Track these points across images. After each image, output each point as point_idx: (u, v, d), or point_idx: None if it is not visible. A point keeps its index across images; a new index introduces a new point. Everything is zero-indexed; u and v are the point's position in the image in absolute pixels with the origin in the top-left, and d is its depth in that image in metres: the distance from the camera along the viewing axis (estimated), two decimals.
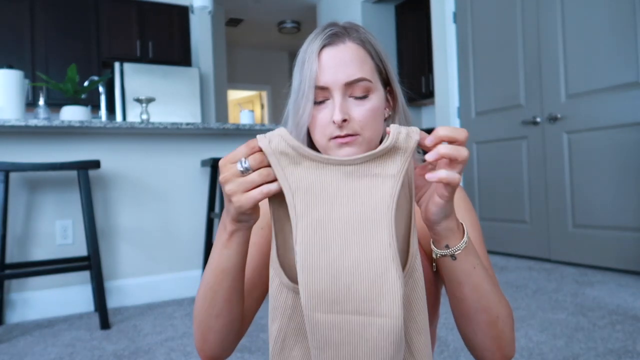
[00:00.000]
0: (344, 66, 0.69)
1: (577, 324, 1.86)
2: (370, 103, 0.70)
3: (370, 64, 0.71)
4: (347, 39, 0.71)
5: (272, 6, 6.27)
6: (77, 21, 4.55)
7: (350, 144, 0.69)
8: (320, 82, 0.69)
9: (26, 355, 1.80)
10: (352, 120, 0.69)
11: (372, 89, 0.70)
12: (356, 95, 0.69)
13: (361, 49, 0.71)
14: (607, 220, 2.79)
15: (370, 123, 0.70)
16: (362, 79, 0.69)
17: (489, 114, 3.58)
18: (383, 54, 0.74)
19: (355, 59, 0.70)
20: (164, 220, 2.62)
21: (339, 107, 0.68)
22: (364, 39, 0.72)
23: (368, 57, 0.71)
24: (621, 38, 2.69)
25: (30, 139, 2.34)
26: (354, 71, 0.69)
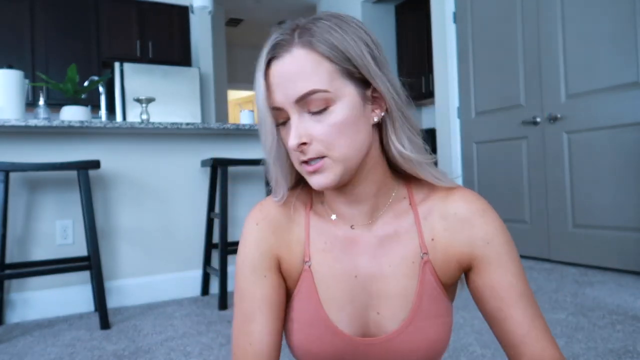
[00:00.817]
0: (292, 80, 0.58)
1: (577, 324, 1.86)
2: (332, 116, 0.59)
3: (326, 69, 0.58)
4: (293, 47, 0.59)
5: (272, 6, 6.27)
6: (77, 21, 4.55)
7: (320, 171, 0.60)
8: (273, 102, 0.60)
9: (26, 355, 1.80)
10: (313, 140, 0.59)
11: (331, 100, 0.59)
12: (313, 111, 0.59)
13: (311, 54, 0.58)
14: (607, 220, 2.79)
15: (336, 140, 0.59)
16: (313, 91, 0.58)
17: (489, 114, 3.58)
18: (353, 45, 0.60)
19: (304, 69, 0.58)
20: (164, 220, 2.62)
21: (293, 130, 0.59)
22: (320, 39, 0.59)
23: (323, 60, 0.58)
24: (621, 38, 2.69)
25: (30, 139, 2.34)
26: (302, 84, 0.58)
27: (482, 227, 0.65)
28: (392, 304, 0.66)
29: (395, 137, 0.64)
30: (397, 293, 0.66)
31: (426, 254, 0.66)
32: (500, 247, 0.65)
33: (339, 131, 0.59)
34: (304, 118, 0.60)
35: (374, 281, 0.66)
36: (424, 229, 0.67)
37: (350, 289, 0.67)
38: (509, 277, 0.64)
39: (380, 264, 0.67)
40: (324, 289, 0.67)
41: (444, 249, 0.66)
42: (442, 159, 4.02)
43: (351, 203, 0.67)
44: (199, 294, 2.66)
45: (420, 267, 0.66)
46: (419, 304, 0.65)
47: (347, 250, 0.67)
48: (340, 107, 0.59)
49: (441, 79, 3.98)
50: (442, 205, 0.67)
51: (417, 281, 0.66)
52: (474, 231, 0.65)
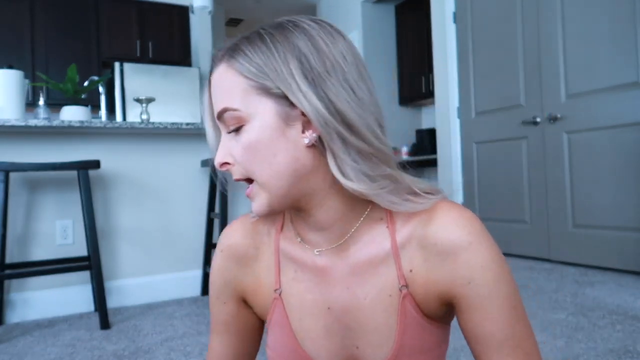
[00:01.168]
0: (214, 97, 0.57)
1: (577, 324, 1.86)
2: (245, 137, 0.54)
3: (240, 86, 0.54)
4: (219, 62, 0.56)
5: (272, 6, 6.27)
6: (77, 21, 4.55)
7: (251, 195, 0.57)
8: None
9: (26, 355, 1.80)
10: (236, 161, 0.56)
11: (244, 119, 0.54)
12: (230, 130, 0.55)
13: (229, 70, 0.55)
14: (607, 220, 2.79)
15: (250, 162, 0.54)
16: (224, 109, 0.55)
17: (489, 114, 3.58)
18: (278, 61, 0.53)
19: (221, 85, 0.56)
20: (164, 220, 2.62)
21: (219, 149, 0.57)
22: (239, 53, 0.55)
23: (237, 77, 0.54)
24: (621, 38, 2.69)
25: (30, 139, 2.34)
26: (218, 102, 0.56)
27: (465, 264, 0.55)
28: (372, 339, 0.60)
29: (334, 164, 0.54)
30: (376, 328, 0.60)
31: (405, 286, 0.58)
32: (483, 287, 0.55)
33: (252, 153, 0.54)
34: (228, 136, 0.56)
35: (350, 314, 0.61)
36: (402, 258, 0.58)
37: (325, 322, 0.62)
38: (487, 323, 0.55)
39: (355, 295, 0.60)
40: (296, 320, 0.63)
41: (424, 283, 0.58)
42: (442, 159, 4.02)
43: (314, 230, 0.60)
44: (199, 294, 2.66)
45: (399, 301, 0.59)
46: (401, 341, 0.59)
47: (318, 279, 0.62)
48: (252, 126, 0.54)
49: (441, 79, 3.98)
50: (422, 231, 0.57)
51: (397, 315, 0.59)
52: (455, 267, 0.56)
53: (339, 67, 0.54)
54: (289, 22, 0.57)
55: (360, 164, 0.54)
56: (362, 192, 0.54)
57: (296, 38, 0.54)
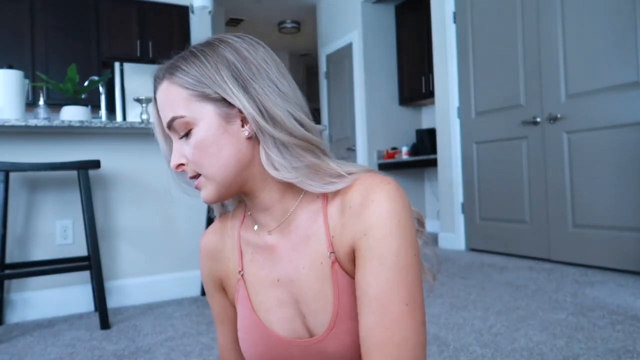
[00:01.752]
0: (162, 110, 0.66)
1: (577, 324, 1.86)
2: (194, 138, 0.64)
3: (182, 96, 0.63)
4: (162, 79, 0.66)
5: (272, 6, 6.27)
6: (77, 21, 4.55)
7: (199, 187, 0.67)
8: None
9: (26, 355, 1.80)
10: (188, 161, 0.66)
11: (192, 123, 0.63)
12: (180, 135, 0.65)
13: (171, 85, 0.64)
14: (607, 220, 2.79)
15: (201, 159, 0.64)
16: (173, 118, 0.64)
17: (489, 114, 3.58)
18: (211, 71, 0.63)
19: (166, 99, 0.65)
20: (164, 220, 2.62)
21: (173, 153, 0.67)
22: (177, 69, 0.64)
23: (179, 89, 0.63)
24: (621, 38, 2.69)
25: (30, 139, 2.34)
26: (167, 113, 0.65)
27: (365, 218, 0.61)
28: (314, 307, 0.66)
29: (265, 155, 0.64)
30: (315, 296, 0.66)
31: (333, 252, 0.64)
32: (374, 241, 0.59)
33: (201, 151, 0.64)
34: (179, 141, 0.66)
35: (295, 285, 0.68)
36: (330, 227, 0.65)
37: (276, 294, 0.69)
38: (368, 276, 0.59)
39: (296, 267, 0.67)
40: (254, 295, 0.71)
41: (341, 244, 0.64)
42: (442, 159, 4.02)
43: (262, 211, 0.69)
44: (199, 294, 2.66)
45: (330, 267, 0.65)
46: (338, 305, 0.64)
47: (268, 256, 0.70)
48: (199, 128, 0.63)
49: (441, 79, 3.98)
50: (342, 198, 0.64)
51: (330, 284, 0.65)
52: (358, 221, 0.61)
53: (262, 69, 0.64)
54: (216, 39, 0.67)
55: (283, 154, 0.63)
56: (283, 179, 0.63)
57: (223, 50, 0.64)
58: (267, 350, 0.70)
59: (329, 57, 5.89)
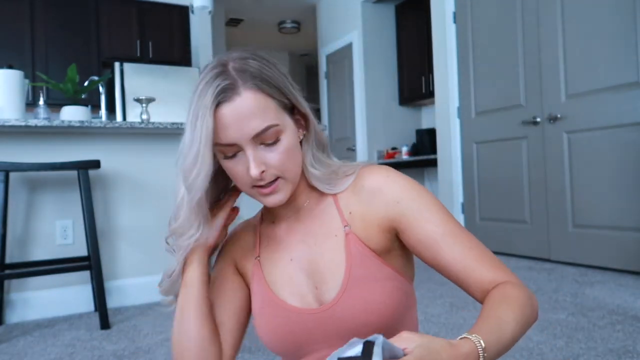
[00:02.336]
0: (247, 120, 0.65)
1: (577, 324, 1.86)
2: (283, 145, 0.68)
3: (272, 106, 0.67)
4: (241, 89, 0.65)
5: (272, 6, 6.27)
6: (77, 21, 4.55)
7: (275, 191, 0.70)
8: (226, 139, 0.66)
9: (26, 355, 1.80)
10: (269, 167, 0.68)
11: (281, 131, 0.68)
12: (267, 143, 0.68)
13: (259, 95, 0.66)
14: (607, 220, 2.79)
15: (287, 164, 0.69)
16: (268, 127, 0.66)
17: (489, 114, 3.58)
18: (282, 82, 0.69)
19: (256, 108, 0.66)
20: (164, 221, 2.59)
21: (253, 162, 0.66)
22: (259, 80, 0.67)
23: (268, 99, 0.67)
24: (621, 38, 2.69)
25: (30, 139, 2.34)
26: (258, 123, 0.66)
27: (390, 190, 0.73)
28: (326, 277, 0.74)
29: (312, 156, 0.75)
30: (328, 267, 0.74)
31: (347, 226, 0.74)
32: (411, 202, 0.72)
33: (288, 156, 0.69)
34: (259, 149, 0.68)
35: (307, 261, 0.76)
36: (342, 206, 0.76)
37: (289, 272, 0.77)
38: (427, 225, 0.70)
39: (308, 244, 0.77)
40: (268, 274, 0.79)
41: (362, 218, 0.74)
42: (442, 159, 4.02)
43: (285, 205, 0.77)
44: None
45: (344, 239, 0.74)
46: (349, 272, 0.72)
47: (282, 240, 0.80)
48: (286, 136, 0.69)
49: (441, 79, 3.98)
50: (352, 185, 0.76)
51: (344, 251, 0.73)
52: (384, 196, 0.73)
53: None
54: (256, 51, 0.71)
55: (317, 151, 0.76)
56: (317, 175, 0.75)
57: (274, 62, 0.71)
58: (282, 323, 0.75)
59: (329, 57, 5.89)
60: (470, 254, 0.70)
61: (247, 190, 0.72)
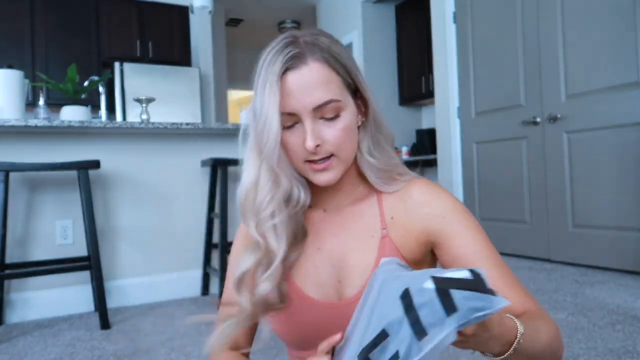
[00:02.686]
0: (311, 90, 0.66)
1: (577, 324, 1.86)
2: (342, 122, 0.68)
3: (337, 82, 0.68)
4: (309, 59, 0.66)
5: (272, 6, 6.27)
6: (77, 21, 4.55)
7: (327, 169, 0.69)
8: (286, 108, 0.66)
9: (26, 355, 1.80)
10: (325, 142, 0.68)
11: (342, 108, 0.68)
12: (327, 117, 0.67)
13: (326, 68, 0.67)
14: (607, 220, 2.79)
15: (343, 142, 0.69)
16: (330, 101, 0.66)
17: (489, 114, 3.58)
18: (349, 63, 0.70)
19: (321, 80, 0.66)
20: (164, 220, 2.62)
21: (310, 134, 0.66)
22: (328, 55, 0.68)
23: (334, 74, 0.68)
24: (621, 38, 2.69)
25: (30, 139, 2.34)
26: (321, 94, 0.66)
27: (437, 205, 0.73)
28: (352, 273, 0.73)
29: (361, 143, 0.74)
30: (357, 264, 0.73)
31: (385, 229, 0.74)
32: (456, 220, 0.72)
33: (345, 135, 0.69)
34: (317, 123, 0.68)
35: (336, 254, 0.75)
36: (385, 208, 0.75)
37: (314, 261, 0.76)
38: (469, 244, 0.70)
39: (342, 238, 0.76)
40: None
41: (403, 226, 0.74)
42: (442, 159, 4.02)
43: (331, 190, 0.76)
44: (199, 294, 2.66)
45: (380, 241, 0.73)
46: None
47: (314, 228, 0.78)
48: (346, 114, 0.69)
49: (441, 79, 3.98)
50: (401, 191, 0.76)
51: (376, 253, 0.73)
52: (430, 209, 0.73)
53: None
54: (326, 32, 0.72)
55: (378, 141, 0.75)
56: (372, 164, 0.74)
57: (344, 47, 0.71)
58: (298, 313, 0.75)
59: None
60: (504, 280, 0.70)
61: (300, 165, 0.70)
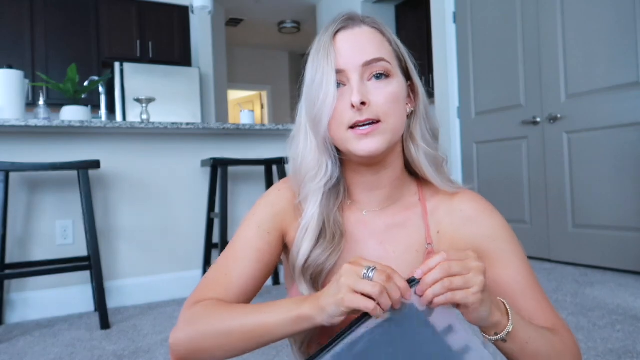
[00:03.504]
0: (361, 46, 0.66)
1: (577, 324, 1.86)
2: (392, 86, 0.67)
3: (388, 49, 0.69)
4: (363, 24, 0.69)
5: (272, 6, 6.27)
6: (77, 21, 4.55)
7: (372, 134, 0.65)
8: (336, 65, 0.66)
9: (26, 355, 1.80)
10: (372, 104, 0.65)
11: (391, 72, 0.67)
12: (376, 75, 0.66)
13: (378, 34, 0.69)
14: (607, 220, 2.79)
15: (392, 108, 0.66)
16: (381, 59, 0.66)
17: (489, 114, 3.58)
18: (402, 46, 0.72)
19: (373, 40, 0.67)
20: (164, 220, 2.62)
21: (357, 89, 0.64)
22: (382, 27, 0.70)
23: (386, 42, 0.69)
24: (621, 38, 2.69)
25: (30, 139, 2.33)
26: (372, 51, 0.66)
27: (488, 225, 0.70)
28: None
29: (414, 131, 0.72)
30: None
31: (431, 244, 0.71)
32: (505, 244, 0.69)
33: (393, 101, 0.66)
34: (365, 84, 0.66)
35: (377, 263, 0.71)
36: (430, 222, 0.72)
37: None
38: (512, 273, 0.68)
39: (385, 249, 0.72)
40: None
41: (449, 242, 0.71)
42: None
43: (371, 189, 0.73)
44: None
45: (424, 256, 0.70)
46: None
47: (356, 233, 0.73)
48: (396, 82, 0.68)
49: (441, 79, 3.98)
50: (449, 202, 0.72)
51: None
52: (480, 228, 0.70)
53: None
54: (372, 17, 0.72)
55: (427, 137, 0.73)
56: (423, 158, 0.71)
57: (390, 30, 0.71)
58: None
59: None
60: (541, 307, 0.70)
61: (343, 133, 0.66)
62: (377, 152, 0.66)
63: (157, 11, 4.85)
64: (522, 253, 0.71)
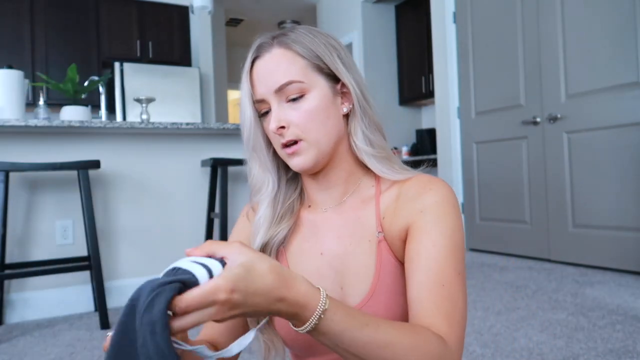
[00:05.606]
0: (271, 74, 0.69)
1: (577, 324, 1.86)
2: (307, 103, 0.69)
3: (300, 64, 0.69)
4: (272, 47, 0.70)
5: (272, 6, 6.27)
6: (77, 21, 4.55)
7: (298, 153, 0.69)
8: (257, 95, 0.71)
9: (26, 355, 1.80)
10: (291, 125, 0.69)
11: (306, 89, 0.69)
12: (290, 98, 0.69)
13: (287, 52, 0.69)
14: (607, 220, 2.79)
15: (309, 124, 0.69)
16: (290, 82, 0.68)
17: (489, 114, 3.58)
18: (321, 48, 0.70)
19: (281, 63, 0.69)
20: (164, 220, 2.62)
21: (274, 116, 0.69)
22: (293, 41, 0.70)
23: (297, 57, 0.69)
24: (621, 38, 2.69)
25: (30, 139, 2.33)
26: (280, 76, 0.68)
27: (423, 200, 0.68)
28: (354, 280, 0.72)
29: (354, 127, 0.73)
30: (358, 270, 0.71)
31: (381, 232, 0.71)
32: (430, 216, 0.66)
33: (312, 116, 0.68)
34: (283, 106, 0.69)
35: (338, 259, 0.73)
36: (381, 210, 0.73)
37: (317, 266, 0.74)
38: (425, 242, 0.64)
39: (343, 243, 0.74)
40: (294, 265, 0.76)
41: (391, 225, 0.70)
42: (442, 159, 4.02)
43: (324, 189, 0.76)
44: None
45: (377, 245, 0.71)
46: (378, 279, 0.70)
47: (315, 231, 0.76)
48: (313, 95, 0.69)
49: (441, 79, 3.98)
50: (398, 188, 0.73)
51: (374, 259, 0.71)
52: (415, 204, 0.68)
53: (353, 62, 0.74)
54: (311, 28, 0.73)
55: (367, 131, 0.72)
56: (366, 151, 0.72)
57: (326, 37, 0.72)
58: None
59: None
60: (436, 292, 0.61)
61: (280, 151, 0.72)
62: (306, 167, 0.70)
63: (157, 11, 4.85)
64: (448, 232, 0.64)
